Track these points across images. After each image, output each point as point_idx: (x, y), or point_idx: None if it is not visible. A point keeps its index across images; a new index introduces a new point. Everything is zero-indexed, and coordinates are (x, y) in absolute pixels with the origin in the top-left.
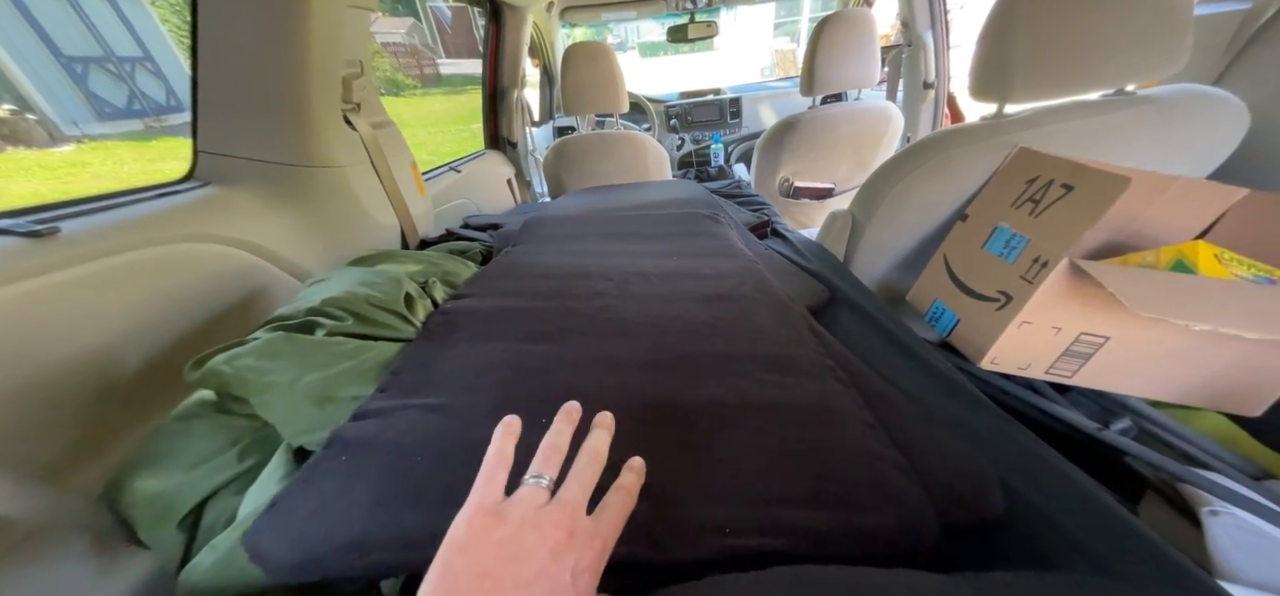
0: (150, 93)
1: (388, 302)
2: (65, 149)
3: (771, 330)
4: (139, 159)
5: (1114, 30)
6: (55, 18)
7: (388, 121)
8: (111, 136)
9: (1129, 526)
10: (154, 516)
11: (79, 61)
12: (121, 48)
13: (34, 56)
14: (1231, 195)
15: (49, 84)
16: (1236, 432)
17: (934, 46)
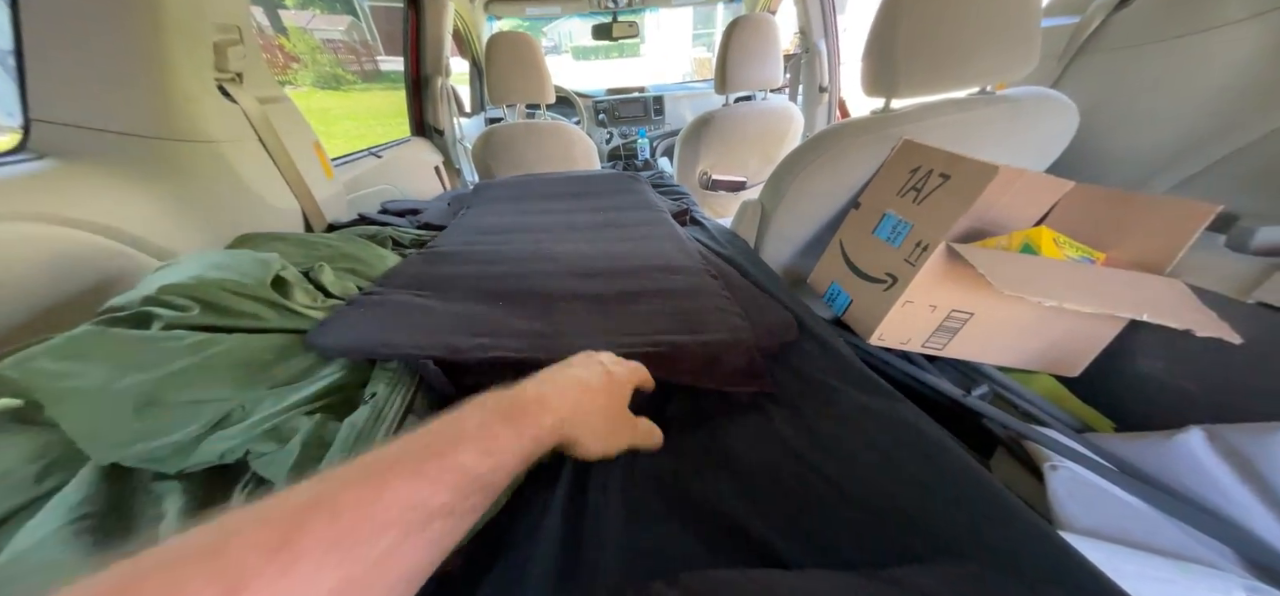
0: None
1: (248, 288)
2: None
3: (669, 251)
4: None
5: (978, 36)
6: None
7: (281, 97)
8: None
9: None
10: None
11: None
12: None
13: None
14: (1063, 187)
15: None
16: (1062, 391)
17: (826, 54)
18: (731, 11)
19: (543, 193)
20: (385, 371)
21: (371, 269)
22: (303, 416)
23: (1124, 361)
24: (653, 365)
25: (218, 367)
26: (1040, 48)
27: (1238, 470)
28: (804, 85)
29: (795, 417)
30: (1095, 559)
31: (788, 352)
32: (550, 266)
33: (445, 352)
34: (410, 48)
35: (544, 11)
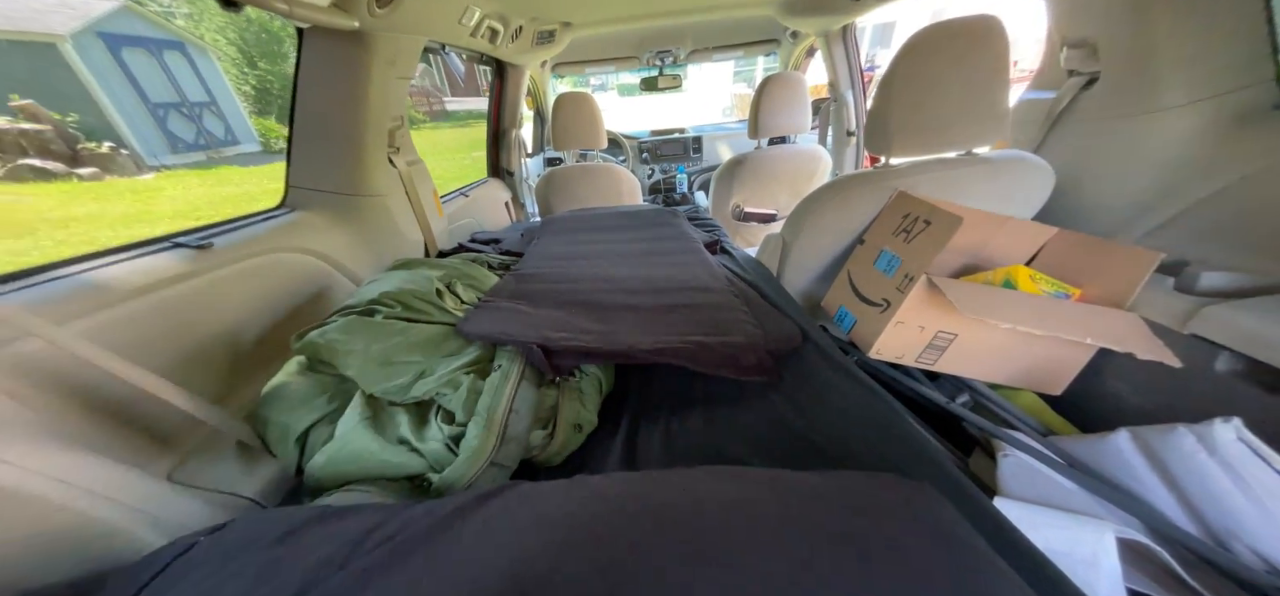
0: (212, 130)
1: (424, 296)
2: (147, 177)
3: (700, 274)
4: (202, 183)
5: (955, 111)
6: (146, 71)
7: (418, 160)
8: (181, 166)
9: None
10: (279, 437)
11: (162, 106)
12: (193, 94)
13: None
14: (1047, 232)
15: (139, 125)
16: (1040, 405)
17: (854, 102)
18: (769, 63)
19: (595, 225)
20: (505, 351)
21: (481, 284)
22: (463, 374)
23: (1097, 383)
24: (684, 358)
25: (415, 344)
26: (1008, 121)
27: (1149, 460)
28: (833, 129)
29: (791, 399)
30: (1015, 514)
31: (793, 355)
32: (605, 285)
33: (542, 341)
34: (494, 106)
35: (601, 70)
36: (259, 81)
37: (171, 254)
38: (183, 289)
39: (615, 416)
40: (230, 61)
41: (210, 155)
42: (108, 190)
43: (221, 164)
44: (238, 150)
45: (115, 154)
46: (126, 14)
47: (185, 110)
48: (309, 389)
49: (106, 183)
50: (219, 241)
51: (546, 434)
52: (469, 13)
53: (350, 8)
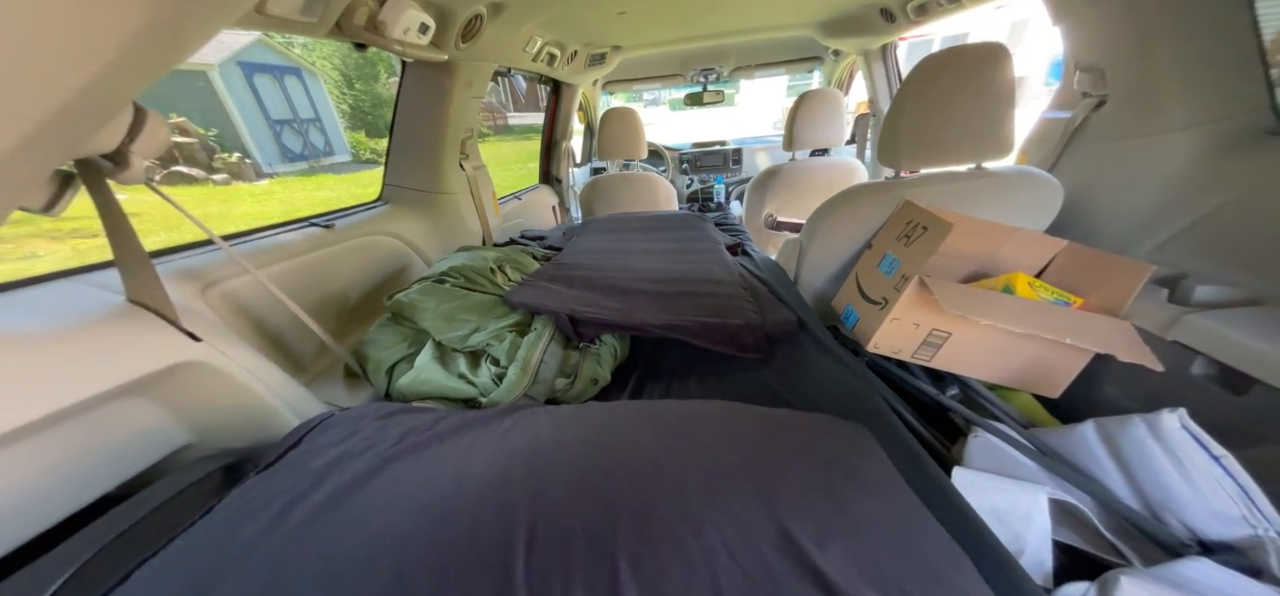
0: (316, 143)
1: (481, 271)
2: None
3: (715, 270)
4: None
5: (961, 128)
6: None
7: (483, 166)
8: (288, 174)
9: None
10: (375, 368)
11: (278, 123)
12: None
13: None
14: (1057, 245)
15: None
16: (1036, 407)
17: None
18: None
19: (628, 226)
20: (541, 318)
21: (525, 268)
22: (507, 332)
23: (1095, 389)
24: (689, 333)
25: (472, 307)
26: (1012, 140)
27: (1108, 447)
28: (871, 143)
29: (780, 374)
30: (969, 480)
31: (789, 339)
32: (628, 275)
33: (570, 312)
34: (548, 119)
35: (648, 86)
36: (355, 100)
37: (309, 231)
38: (316, 256)
39: (626, 377)
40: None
41: (311, 165)
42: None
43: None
44: (333, 160)
45: (242, 163)
46: (260, 45)
47: (295, 126)
48: (396, 336)
49: (232, 187)
50: (339, 223)
51: (569, 382)
52: (532, 42)
53: (442, 44)
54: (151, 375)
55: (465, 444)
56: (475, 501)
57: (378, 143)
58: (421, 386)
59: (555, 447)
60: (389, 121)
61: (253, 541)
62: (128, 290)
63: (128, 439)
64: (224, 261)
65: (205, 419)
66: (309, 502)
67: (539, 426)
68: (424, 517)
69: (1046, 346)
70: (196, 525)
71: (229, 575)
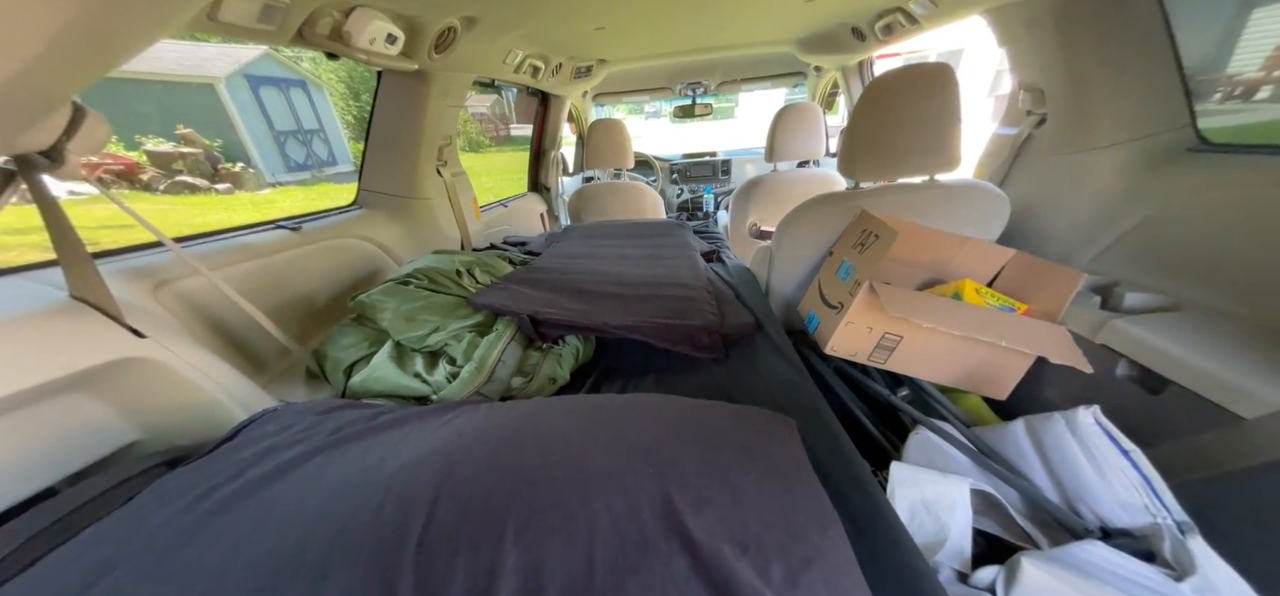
0: (319, 153)
1: (446, 273)
2: (265, 192)
3: (684, 274)
4: (306, 198)
5: (909, 144)
6: (275, 104)
7: (462, 172)
8: (290, 183)
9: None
10: (332, 368)
11: (283, 133)
12: (307, 123)
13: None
14: (1006, 254)
15: (264, 149)
16: (983, 408)
17: None
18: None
19: (609, 233)
20: (503, 320)
21: (497, 272)
22: (467, 332)
23: (1037, 390)
24: (648, 333)
25: (433, 308)
26: (959, 154)
27: (1033, 443)
28: None
29: (732, 373)
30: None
31: (746, 341)
32: (598, 279)
33: (533, 313)
34: (537, 129)
35: (638, 99)
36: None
37: (276, 232)
38: (283, 258)
39: (584, 376)
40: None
41: (314, 174)
42: (234, 202)
43: (322, 181)
44: (335, 170)
45: (244, 172)
46: (267, 59)
47: (300, 137)
48: (357, 336)
49: (234, 196)
50: (307, 226)
51: (526, 380)
52: (512, 54)
53: (414, 55)
54: (92, 370)
55: (397, 436)
56: (386, 485)
57: None
58: (373, 384)
59: (476, 433)
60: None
61: (159, 527)
62: (70, 286)
63: (70, 434)
64: (177, 261)
65: (152, 416)
66: (225, 491)
67: (473, 418)
68: (331, 503)
69: (992, 350)
70: (114, 513)
71: (129, 560)
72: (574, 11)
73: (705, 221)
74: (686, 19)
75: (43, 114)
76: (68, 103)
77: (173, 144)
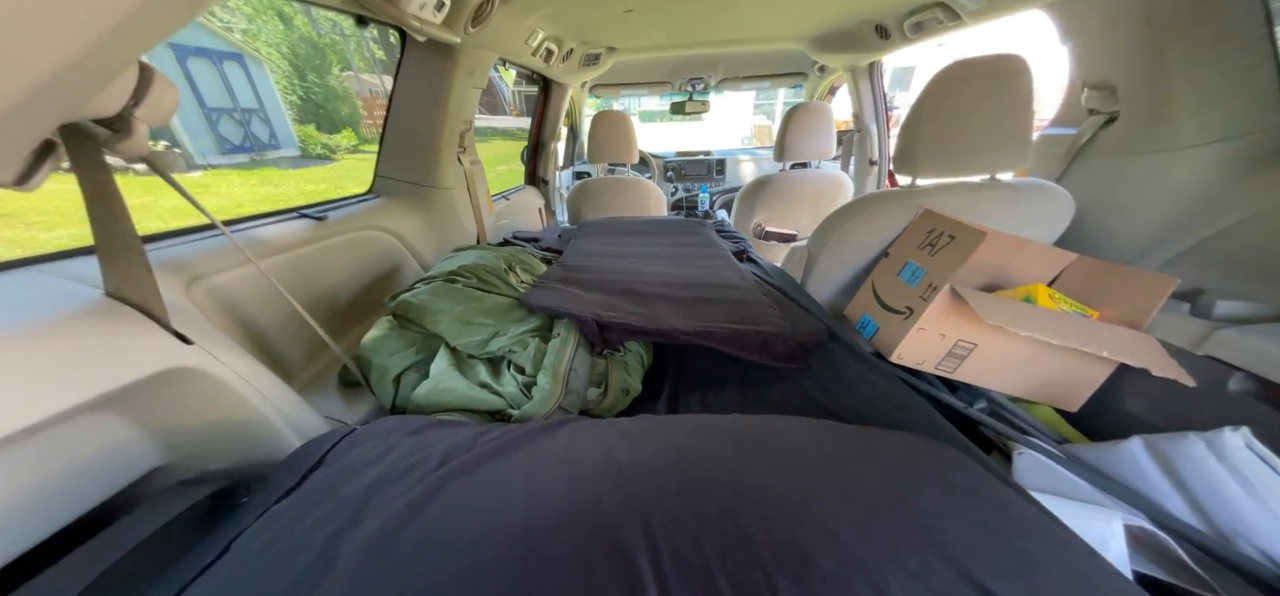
0: (258, 135)
1: (495, 271)
2: (195, 175)
3: (729, 275)
4: (245, 184)
5: (981, 138)
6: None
7: (478, 160)
8: (226, 166)
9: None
10: (379, 377)
11: (215, 111)
12: (245, 101)
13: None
14: (1067, 257)
15: (192, 127)
16: (1058, 420)
17: (877, 133)
18: (793, 95)
19: (628, 230)
20: (562, 322)
21: (534, 270)
22: (529, 337)
23: (1113, 401)
24: (722, 341)
25: (488, 310)
26: (1031, 150)
27: (1160, 465)
28: (856, 158)
29: (819, 383)
30: None
31: (819, 348)
32: (642, 280)
33: (596, 317)
34: (536, 120)
35: (635, 93)
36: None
37: (300, 222)
38: (307, 251)
39: (657, 388)
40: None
41: (253, 158)
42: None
43: (263, 166)
44: (279, 154)
45: (168, 152)
46: (194, 27)
47: (236, 115)
48: (402, 342)
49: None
50: (332, 215)
51: (600, 392)
52: (534, 34)
53: (453, 26)
54: (135, 384)
55: (525, 461)
56: (569, 530)
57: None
58: (441, 396)
59: (640, 464)
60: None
61: (301, 585)
62: (107, 282)
63: (91, 461)
64: (210, 253)
65: (186, 435)
66: (360, 534)
67: (606, 439)
68: (506, 549)
69: (1070, 359)
70: (216, 565)
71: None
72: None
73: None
74: (709, 6)
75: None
76: (135, 64)
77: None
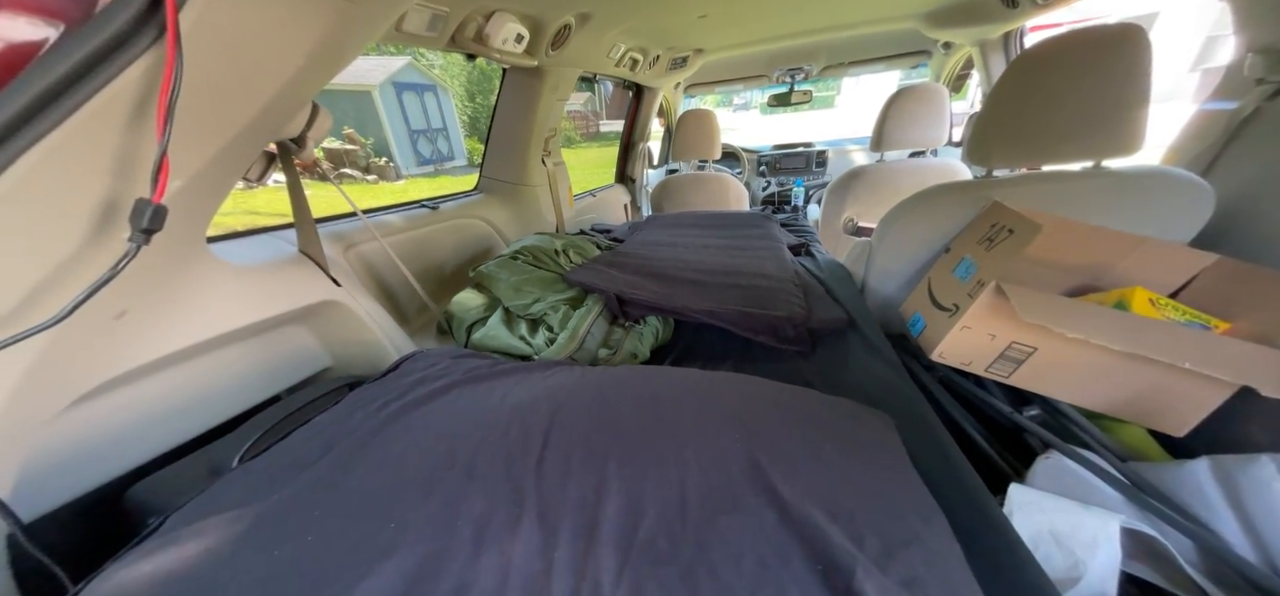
0: (442, 149)
1: (547, 252)
2: (401, 183)
3: (768, 266)
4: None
5: (1079, 121)
6: (412, 107)
7: (562, 163)
8: (418, 176)
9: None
10: (458, 326)
11: (415, 133)
12: (434, 123)
13: (400, 130)
14: (1201, 259)
15: (402, 145)
16: (1150, 444)
17: None
18: (917, 75)
19: (691, 223)
20: (593, 297)
21: (586, 253)
22: (563, 304)
23: (1236, 429)
24: (729, 321)
25: (536, 281)
26: (1144, 131)
27: (1223, 488)
28: None
29: (820, 370)
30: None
31: (836, 337)
32: (677, 266)
33: (619, 292)
34: (628, 122)
35: (731, 88)
36: (474, 112)
37: (420, 211)
38: (423, 232)
39: (662, 357)
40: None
41: (437, 168)
42: (380, 191)
43: (443, 174)
44: (453, 164)
45: (387, 166)
46: (409, 68)
47: (428, 136)
48: (477, 301)
49: (379, 186)
50: (443, 206)
51: (610, 353)
52: (615, 48)
53: (534, 52)
54: (308, 307)
55: (513, 381)
56: (509, 415)
57: None
58: (489, 341)
59: (578, 386)
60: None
61: (359, 423)
62: (300, 243)
63: (293, 354)
64: (359, 230)
65: (339, 348)
66: (398, 403)
67: (573, 374)
68: (471, 421)
69: (1170, 374)
70: (327, 412)
71: (345, 437)
72: (679, 2)
73: (793, 215)
74: (792, 1)
75: (299, 109)
76: (309, 102)
77: (340, 143)
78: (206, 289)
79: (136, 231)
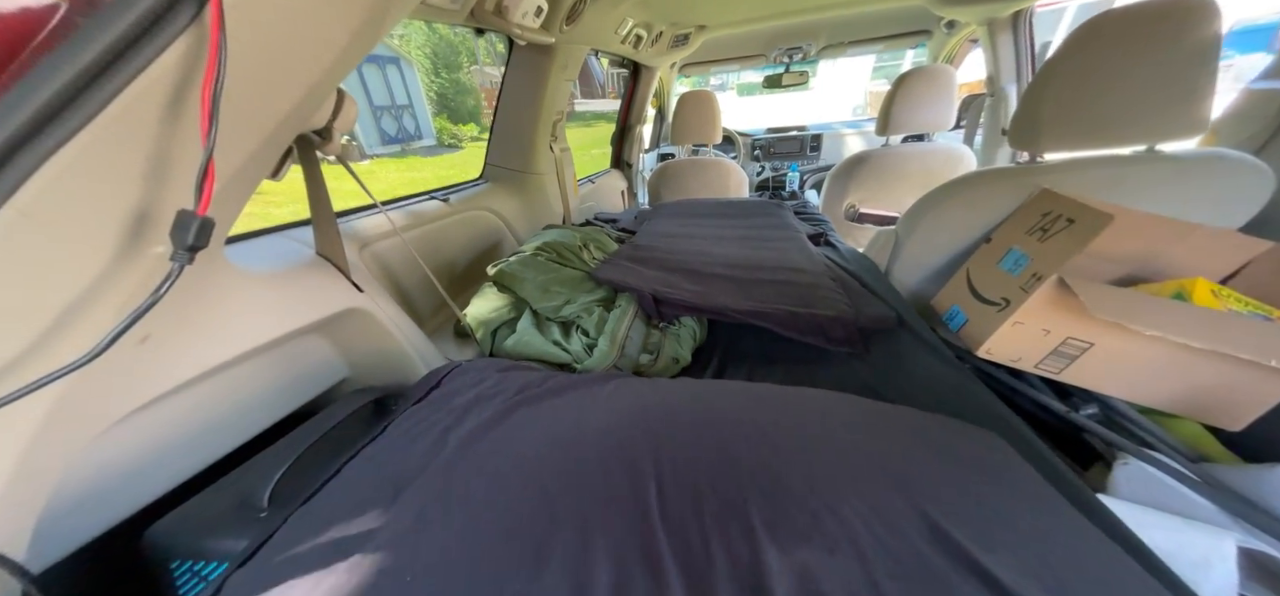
0: (408, 127)
1: (571, 248)
2: (365, 163)
3: (797, 258)
4: (398, 170)
5: (1136, 101)
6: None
7: (567, 148)
8: (382, 155)
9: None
10: (479, 328)
11: (378, 109)
12: (400, 98)
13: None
14: (1254, 246)
15: (364, 123)
16: (1207, 439)
17: (1016, 99)
18: (915, 57)
19: (701, 212)
20: (624, 296)
21: (606, 248)
22: (595, 305)
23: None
24: (774, 321)
25: (563, 280)
26: (1207, 115)
27: None
28: (985, 128)
29: (877, 370)
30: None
31: (886, 335)
32: (705, 260)
33: (654, 292)
34: (624, 104)
35: (726, 69)
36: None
37: (432, 202)
38: (436, 226)
39: (705, 360)
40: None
41: (403, 147)
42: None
43: (409, 154)
44: (420, 144)
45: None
46: None
47: (392, 112)
48: (499, 302)
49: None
50: (454, 197)
51: (651, 358)
52: (624, 23)
53: (550, 27)
54: (330, 316)
55: (577, 401)
56: (599, 449)
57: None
58: (523, 348)
59: (664, 410)
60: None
61: (425, 455)
62: (318, 244)
63: (310, 367)
64: (373, 226)
65: (360, 358)
66: (461, 430)
67: (642, 391)
68: (554, 454)
69: (1230, 368)
70: (377, 440)
71: (415, 476)
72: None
73: (796, 202)
74: None
75: (326, 99)
76: (335, 90)
77: None
78: (226, 303)
79: (180, 250)
